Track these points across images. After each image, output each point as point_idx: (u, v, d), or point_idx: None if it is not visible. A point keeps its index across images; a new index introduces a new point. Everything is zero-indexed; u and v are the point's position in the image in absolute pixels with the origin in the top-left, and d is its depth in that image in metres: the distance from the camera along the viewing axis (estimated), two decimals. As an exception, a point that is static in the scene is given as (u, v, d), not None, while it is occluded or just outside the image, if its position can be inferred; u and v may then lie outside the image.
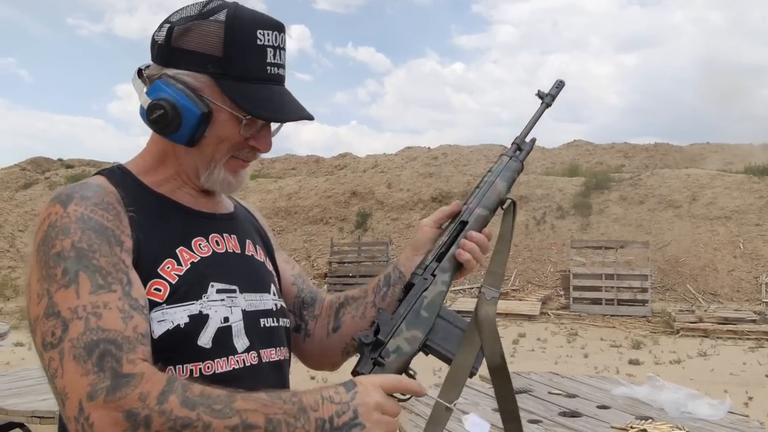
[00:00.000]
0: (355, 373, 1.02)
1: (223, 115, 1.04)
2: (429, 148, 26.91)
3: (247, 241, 1.18)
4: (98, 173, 1.08)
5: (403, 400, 1.00)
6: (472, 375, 1.13)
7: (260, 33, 1.03)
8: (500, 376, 1.13)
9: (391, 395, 0.96)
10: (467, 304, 11.52)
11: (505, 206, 1.24)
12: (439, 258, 1.16)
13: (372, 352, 1.04)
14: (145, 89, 1.06)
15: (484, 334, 1.12)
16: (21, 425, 3.54)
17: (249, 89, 1.03)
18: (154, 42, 1.07)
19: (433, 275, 1.14)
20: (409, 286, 1.13)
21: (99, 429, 0.83)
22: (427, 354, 1.11)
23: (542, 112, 1.31)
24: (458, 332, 1.12)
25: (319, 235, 16.76)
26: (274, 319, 1.15)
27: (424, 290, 1.12)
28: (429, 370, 1.14)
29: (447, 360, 1.11)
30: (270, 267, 1.23)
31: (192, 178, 1.10)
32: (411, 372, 1.07)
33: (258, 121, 1.06)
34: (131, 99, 1.10)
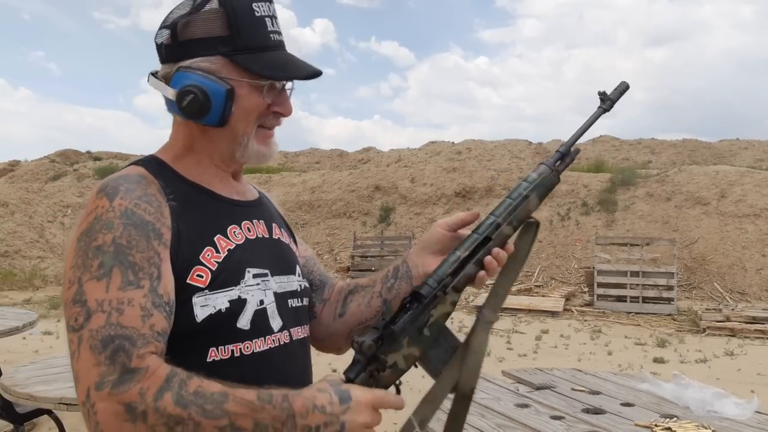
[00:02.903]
0: (347, 379, 1.02)
1: (244, 89, 1.10)
2: (453, 142, 26.83)
3: (273, 225, 1.25)
4: (135, 164, 1.13)
5: None
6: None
7: (255, 6, 1.11)
8: (462, 404, 1.12)
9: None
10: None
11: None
12: (455, 273, 1.12)
13: (369, 363, 1.04)
14: (166, 85, 1.12)
15: (468, 365, 1.11)
16: (49, 412, 3.62)
17: (261, 57, 1.10)
18: (159, 46, 1.13)
19: (445, 292, 1.10)
20: (416, 294, 1.10)
21: (102, 418, 0.88)
22: (416, 366, 1.10)
23: (598, 117, 1.21)
24: (451, 352, 1.10)
25: (342, 229, 16.80)
26: (299, 299, 1.23)
27: (433, 308, 1.09)
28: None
29: (435, 377, 1.10)
30: (294, 248, 1.30)
31: (225, 158, 1.16)
32: (398, 383, 1.08)
33: (276, 87, 1.14)
34: (158, 92, 1.14)
